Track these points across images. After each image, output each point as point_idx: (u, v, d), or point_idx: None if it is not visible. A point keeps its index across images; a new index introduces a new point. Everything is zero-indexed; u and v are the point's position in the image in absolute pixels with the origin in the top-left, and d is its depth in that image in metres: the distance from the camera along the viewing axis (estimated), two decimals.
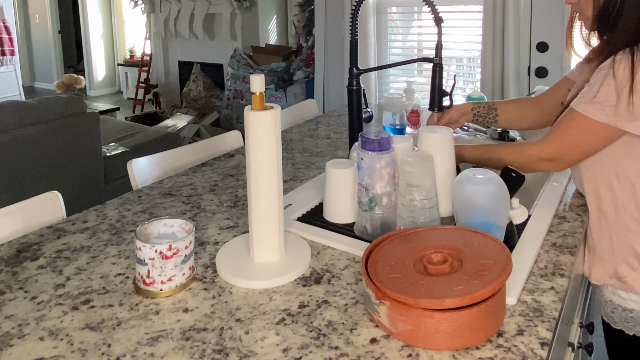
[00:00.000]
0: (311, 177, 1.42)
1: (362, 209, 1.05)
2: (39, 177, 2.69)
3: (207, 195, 1.31)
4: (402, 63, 1.46)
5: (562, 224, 1.13)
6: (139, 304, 0.86)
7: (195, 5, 5.37)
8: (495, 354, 0.73)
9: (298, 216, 1.17)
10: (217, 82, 5.52)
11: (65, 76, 5.20)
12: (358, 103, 1.39)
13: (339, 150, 1.67)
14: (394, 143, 1.06)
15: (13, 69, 6.67)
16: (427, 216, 1.00)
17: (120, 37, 7.74)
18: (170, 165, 1.56)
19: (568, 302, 0.99)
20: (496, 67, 2.79)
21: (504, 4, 2.70)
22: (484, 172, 0.96)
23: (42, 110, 2.71)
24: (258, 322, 0.81)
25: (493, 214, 0.94)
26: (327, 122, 2.02)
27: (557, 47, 2.67)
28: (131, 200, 1.29)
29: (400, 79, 3.38)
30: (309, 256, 0.98)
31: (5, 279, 0.95)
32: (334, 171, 1.12)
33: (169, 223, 0.94)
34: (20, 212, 1.16)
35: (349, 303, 0.85)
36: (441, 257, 0.81)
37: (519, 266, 0.92)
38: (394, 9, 3.35)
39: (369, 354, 0.73)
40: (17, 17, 7.71)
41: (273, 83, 4.57)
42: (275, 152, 0.93)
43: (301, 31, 4.80)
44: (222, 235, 1.10)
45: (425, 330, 0.72)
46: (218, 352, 0.74)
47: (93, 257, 1.01)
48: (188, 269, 0.90)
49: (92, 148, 2.94)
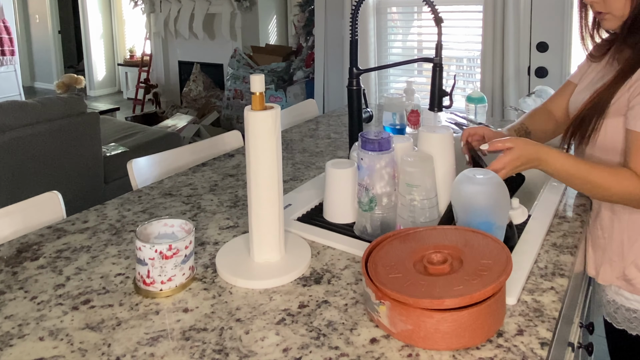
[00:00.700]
0: (311, 177, 1.42)
1: (362, 209, 1.05)
2: (39, 177, 2.69)
3: (207, 195, 1.31)
4: (402, 63, 1.46)
5: (562, 224, 1.13)
6: (139, 304, 0.86)
7: (195, 5, 5.37)
8: (495, 354, 0.73)
9: (298, 216, 1.17)
10: (217, 82, 5.52)
11: (65, 76, 5.21)
12: (358, 103, 1.39)
13: (339, 150, 1.67)
14: (394, 143, 1.06)
15: (13, 69, 6.67)
16: (427, 216, 1.00)
17: (120, 37, 7.74)
18: (170, 165, 1.56)
19: (568, 302, 0.99)
20: (496, 67, 2.79)
21: (504, 4, 2.70)
22: (484, 172, 0.96)
23: (42, 110, 2.71)
24: (258, 322, 0.81)
25: (493, 214, 0.94)
26: (327, 122, 2.02)
27: (557, 47, 2.67)
28: (131, 200, 1.29)
29: (400, 79, 3.38)
30: (309, 256, 0.98)
31: (5, 279, 0.95)
32: (334, 171, 1.12)
33: (169, 223, 0.94)
34: (20, 212, 1.16)
35: (349, 303, 0.85)
36: (441, 257, 0.81)
37: (519, 266, 0.92)
38: (394, 9, 3.35)
39: (369, 354, 0.73)
40: (17, 17, 7.71)
41: (273, 83, 4.57)
42: (275, 152, 0.93)
43: (301, 31, 4.80)
44: (222, 235, 1.10)
45: (425, 330, 0.72)
46: (218, 352, 0.74)
47: (93, 257, 1.02)
48: (188, 269, 0.90)
49: (92, 148, 2.94)
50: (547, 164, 1.03)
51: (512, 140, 1.02)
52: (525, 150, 1.01)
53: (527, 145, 1.02)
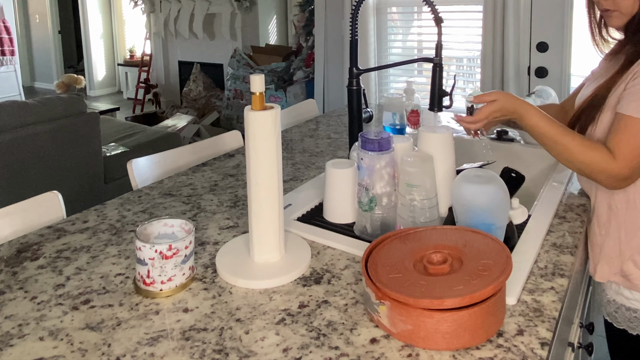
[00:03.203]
0: (311, 177, 1.42)
1: (362, 209, 1.05)
2: (39, 177, 2.69)
3: (207, 195, 1.31)
4: (402, 63, 1.46)
5: (562, 224, 1.13)
6: (139, 304, 0.86)
7: (195, 5, 5.37)
8: (495, 354, 0.73)
9: (298, 216, 1.17)
10: (217, 82, 5.52)
11: (65, 76, 5.20)
12: (358, 103, 1.39)
13: (339, 150, 1.67)
14: (394, 143, 1.06)
15: (13, 69, 6.67)
16: (427, 216, 1.00)
17: (120, 37, 7.74)
18: (170, 165, 1.56)
19: (568, 302, 0.99)
20: (496, 67, 2.79)
21: (504, 4, 2.70)
22: (484, 172, 0.96)
23: (42, 110, 2.71)
24: (258, 322, 0.81)
25: (493, 214, 0.94)
26: (327, 122, 2.02)
27: (557, 47, 2.66)
28: (131, 200, 1.29)
29: (400, 79, 3.38)
30: (309, 256, 0.98)
31: (5, 279, 0.95)
32: (334, 171, 1.12)
33: (169, 223, 0.94)
34: (20, 212, 1.16)
35: (349, 303, 0.85)
36: (441, 257, 0.81)
37: (519, 266, 0.92)
38: (394, 9, 3.35)
39: (369, 354, 0.73)
40: (17, 17, 7.71)
41: (273, 83, 4.57)
42: (275, 152, 0.93)
43: (301, 31, 4.80)
44: (222, 235, 1.10)
45: (425, 330, 0.72)
46: (218, 352, 0.74)
47: (93, 257, 1.01)
48: (188, 269, 0.90)
49: (92, 148, 2.94)
50: (524, 119, 1.10)
51: (496, 94, 1.10)
52: (506, 103, 1.09)
53: (508, 98, 1.10)
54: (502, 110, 1.09)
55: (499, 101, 1.09)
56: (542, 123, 1.08)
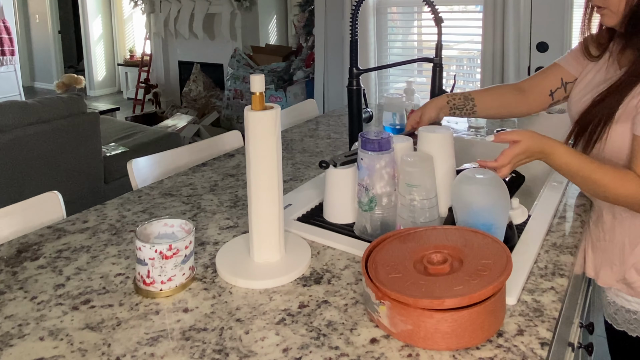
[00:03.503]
0: (311, 177, 1.42)
1: (362, 209, 1.05)
2: (39, 177, 2.69)
3: (207, 195, 1.31)
4: (402, 63, 1.46)
5: (562, 224, 1.13)
6: (139, 304, 0.86)
7: (195, 5, 5.37)
8: (495, 354, 0.73)
9: (298, 216, 1.17)
10: (217, 82, 5.52)
11: (65, 76, 5.20)
12: (358, 103, 1.39)
13: (339, 150, 1.67)
14: (394, 143, 1.06)
15: (13, 69, 6.67)
16: (427, 216, 1.00)
17: (120, 37, 7.74)
18: (170, 165, 1.56)
19: (568, 302, 0.99)
20: (496, 67, 2.79)
21: (504, 4, 2.70)
22: (484, 172, 0.96)
23: (42, 110, 2.71)
24: (258, 322, 0.81)
25: (493, 214, 0.94)
26: (327, 122, 2.02)
27: (557, 47, 2.67)
28: (131, 200, 1.29)
29: (400, 79, 3.38)
30: (309, 256, 0.98)
31: (5, 279, 0.95)
32: (334, 171, 1.12)
33: (169, 223, 0.94)
34: (20, 212, 1.16)
35: (349, 303, 0.85)
36: (441, 257, 0.81)
37: (519, 266, 0.92)
38: (394, 9, 3.35)
39: (369, 354, 0.73)
40: (17, 17, 7.71)
41: (273, 83, 4.57)
42: (275, 152, 0.93)
43: (301, 31, 4.80)
44: (222, 235, 1.10)
45: (425, 330, 0.72)
46: (218, 352, 0.74)
47: (93, 257, 1.02)
48: (188, 269, 0.90)
49: (92, 148, 2.94)
50: (552, 159, 1.02)
51: (518, 133, 1.00)
52: (532, 145, 1.00)
53: (533, 138, 1.00)
54: (527, 152, 1.00)
55: (524, 142, 0.99)
56: (573, 161, 1.00)
